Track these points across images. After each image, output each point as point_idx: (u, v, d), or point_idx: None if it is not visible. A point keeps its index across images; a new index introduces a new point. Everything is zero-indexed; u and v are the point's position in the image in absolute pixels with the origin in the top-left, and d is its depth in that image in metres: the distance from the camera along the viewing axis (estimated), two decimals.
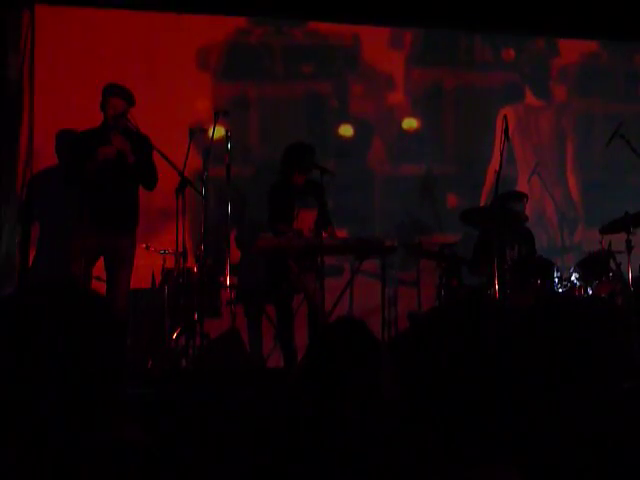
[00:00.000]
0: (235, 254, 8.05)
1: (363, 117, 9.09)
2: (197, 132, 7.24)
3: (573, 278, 7.57)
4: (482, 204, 8.86)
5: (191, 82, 8.43)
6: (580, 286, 7.52)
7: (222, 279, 7.26)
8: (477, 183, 9.09)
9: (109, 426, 1.83)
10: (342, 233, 7.94)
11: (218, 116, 7.19)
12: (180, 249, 7.04)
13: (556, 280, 7.47)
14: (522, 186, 9.00)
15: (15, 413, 1.74)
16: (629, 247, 7.44)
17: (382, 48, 9.13)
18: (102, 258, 7.06)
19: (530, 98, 9.56)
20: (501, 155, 7.12)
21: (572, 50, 9.71)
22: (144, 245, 7.30)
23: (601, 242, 7.75)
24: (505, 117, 7.14)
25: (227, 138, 7.24)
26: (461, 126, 9.36)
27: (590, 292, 7.48)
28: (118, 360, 1.85)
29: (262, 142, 8.69)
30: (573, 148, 9.55)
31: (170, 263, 7.28)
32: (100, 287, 6.91)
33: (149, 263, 7.40)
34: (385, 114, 9.17)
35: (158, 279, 7.38)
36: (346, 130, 9.04)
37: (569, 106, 9.66)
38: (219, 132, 7.34)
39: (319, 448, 2.41)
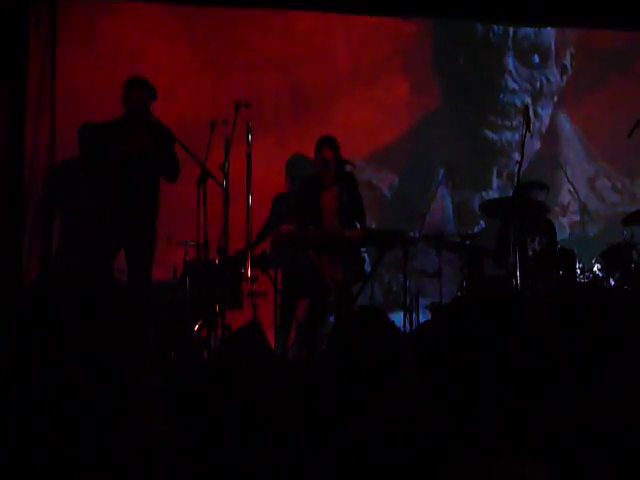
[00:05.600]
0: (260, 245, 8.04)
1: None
2: (218, 124, 7.22)
3: (595, 269, 7.54)
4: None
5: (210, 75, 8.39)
6: (602, 277, 7.48)
7: (243, 271, 7.26)
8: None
9: (129, 415, 1.84)
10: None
11: (239, 107, 7.18)
12: (202, 241, 7.05)
13: (578, 271, 7.44)
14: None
15: (34, 401, 1.74)
16: None
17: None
18: (123, 250, 7.10)
19: None
20: (522, 147, 7.10)
21: None
22: (166, 237, 7.30)
23: (623, 233, 7.71)
24: (526, 108, 7.13)
25: (248, 130, 7.23)
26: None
27: (612, 283, 7.44)
28: (137, 349, 1.85)
29: None
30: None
31: (192, 255, 7.28)
32: (122, 278, 6.94)
33: (171, 255, 7.41)
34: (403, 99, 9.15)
35: (180, 271, 7.39)
36: None
37: None
38: None
39: (337, 438, 2.41)
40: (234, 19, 8.61)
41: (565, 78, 9.55)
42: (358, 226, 7.51)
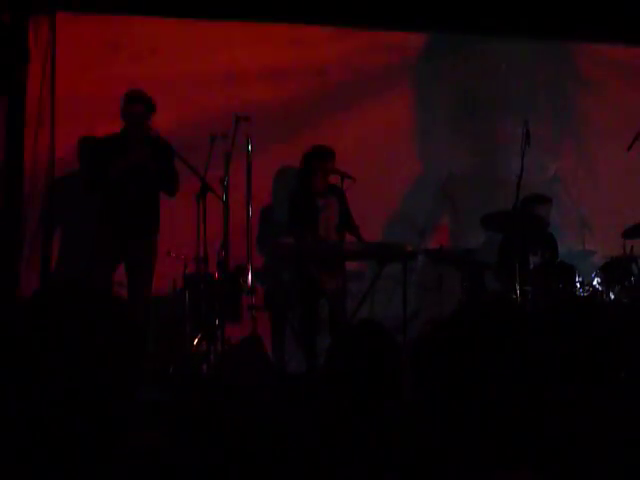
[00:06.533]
0: (258, 258, 8.03)
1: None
2: (218, 138, 7.22)
3: (595, 283, 7.53)
4: None
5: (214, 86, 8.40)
6: (602, 291, 7.48)
7: (243, 284, 7.25)
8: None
9: (126, 429, 1.83)
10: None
11: (239, 121, 7.18)
12: (201, 254, 7.04)
13: (578, 285, 7.43)
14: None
15: (31, 415, 1.74)
16: None
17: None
18: (123, 264, 7.09)
19: None
20: (522, 161, 7.10)
21: None
22: (165, 251, 7.29)
23: (623, 247, 7.71)
24: (526, 122, 7.13)
25: (248, 143, 7.23)
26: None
27: (612, 297, 7.43)
28: (135, 363, 1.85)
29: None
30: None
31: (191, 269, 7.28)
32: (121, 293, 6.93)
33: (170, 269, 7.40)
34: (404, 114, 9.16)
35: (179, 285, 7.38)
36: None
37: None
38: None
39: (337, 450, 2.40)
40: (233, 31, 8.63)
41: (566, 91, 9.57)
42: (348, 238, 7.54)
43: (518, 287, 7.08)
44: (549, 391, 2.23)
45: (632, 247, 7.69)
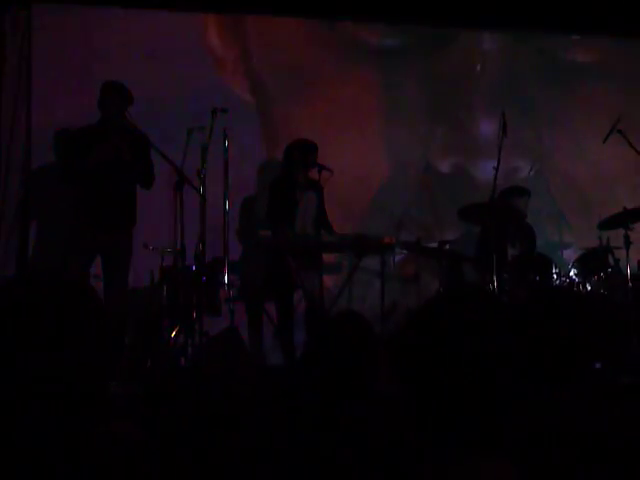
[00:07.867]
0: (235, 251, 8.02)
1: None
2: (195, 130, 7.19)
3: (572, 274, 7.57)
4: None
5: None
6: (579, 282, 7.51)
7: (221, 277, 7.24)
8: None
9: (100, 421, 1.83)
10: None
11: (216, 113, 7.16)
12: (178, 247, 7.02)
13: (555, 276, 7.46)
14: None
15: (5, 407, 1.73)
16: (627, 243, 7.44)
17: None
18: (100, 256, 7.06)
19: None
20: (499, 152, 7.11)
21: None
22: (142, 243, 7.27)
23: (599, 238, 7.74)
24: (503, 113, 7.14)
25: (225, 136, 7.21)
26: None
27: (589, 288, 7.47)
28: (109, 357, 1.84)
29: None
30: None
31: (168, 261, 7.26)
32: (98, 285, 6.90)
33: (147, 261, 7.38)
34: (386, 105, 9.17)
35: (157, 277, 7.35)
36: None
37: None
38: None
39: (316, 444, 2.40)
40: (209, 23, 8.63)
41: (544, 87, 9.59)
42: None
43: (495, 278, 7.11)
44: (524, 382, 2.24)
45: (608, 238, 7.73)
